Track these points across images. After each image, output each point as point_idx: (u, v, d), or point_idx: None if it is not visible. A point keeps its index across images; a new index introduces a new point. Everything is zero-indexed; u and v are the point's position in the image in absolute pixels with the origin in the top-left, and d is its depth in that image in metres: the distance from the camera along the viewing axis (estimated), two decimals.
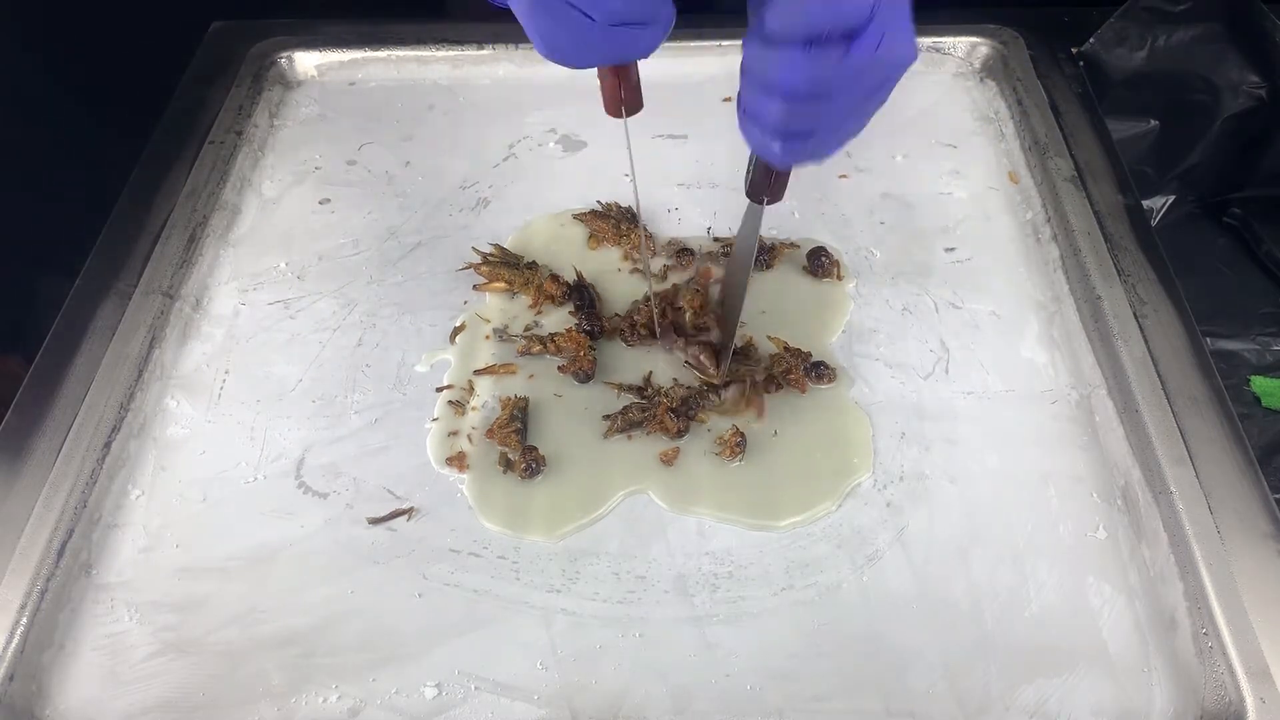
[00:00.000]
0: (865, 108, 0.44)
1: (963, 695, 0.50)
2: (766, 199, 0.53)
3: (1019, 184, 0.76)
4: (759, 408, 0.61)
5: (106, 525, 0.57)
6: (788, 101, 0.41)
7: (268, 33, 0.86)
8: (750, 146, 0.46)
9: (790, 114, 0.42)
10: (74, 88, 0.90)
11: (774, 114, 0.42)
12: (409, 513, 0.57)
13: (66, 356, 0.62)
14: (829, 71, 0.40)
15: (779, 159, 0.45)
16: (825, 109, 0.42)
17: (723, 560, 0.55)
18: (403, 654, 0.51)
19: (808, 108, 0.42)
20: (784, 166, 0.49)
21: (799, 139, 0.44)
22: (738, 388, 0.61)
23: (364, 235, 0.73)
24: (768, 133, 0.44)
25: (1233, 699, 0.48)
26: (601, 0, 0.41)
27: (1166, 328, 0.62)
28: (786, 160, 0.45)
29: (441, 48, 0.86)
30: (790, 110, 0.42)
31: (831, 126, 0.44)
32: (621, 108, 0.50)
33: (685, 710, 0.50)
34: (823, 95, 0.41)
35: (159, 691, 0.50)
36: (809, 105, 0.41)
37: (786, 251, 0.71)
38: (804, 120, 0.43)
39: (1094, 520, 0.56)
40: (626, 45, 0.43)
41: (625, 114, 0.50)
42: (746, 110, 0.44)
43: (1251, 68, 0.80)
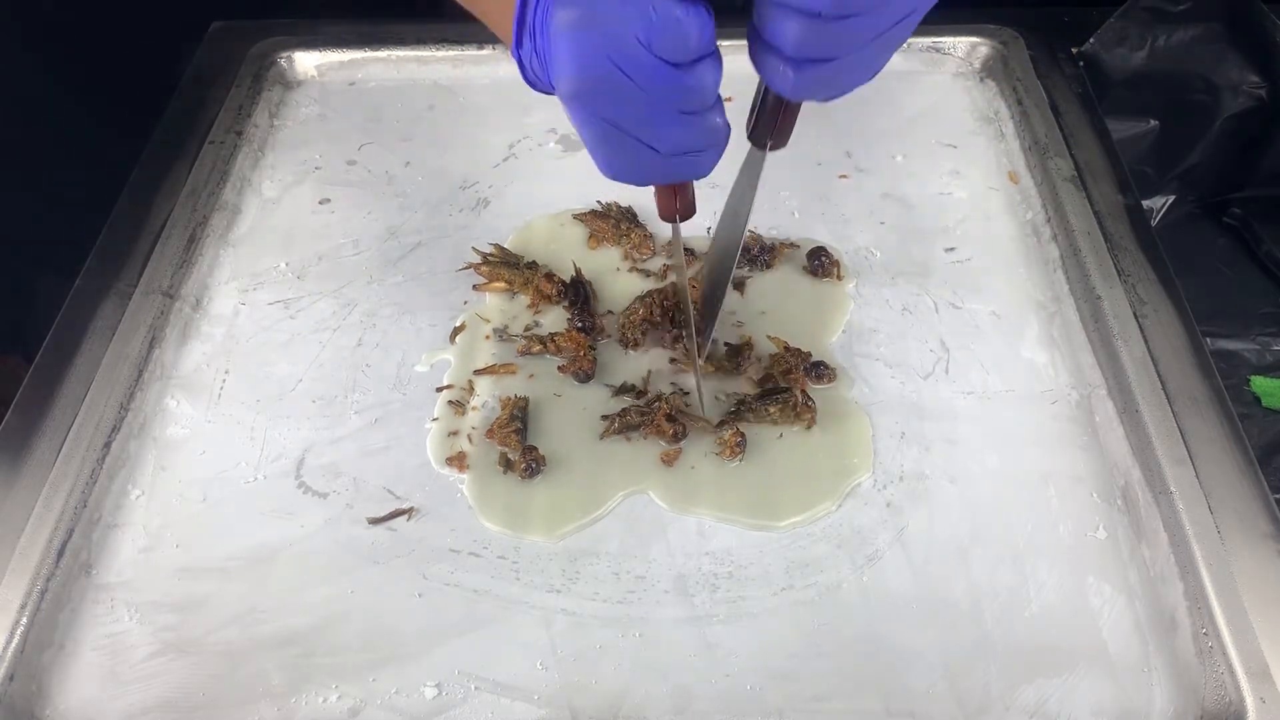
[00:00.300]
0: (890, 38, 0.41)
1: (963, 695, 0.50)
2: (770, 143, 0.49)
3: (1019, 184, 0.76)
4: (810, 419, 0.60)
5: (106, 525, 0.57)
6: (809, 19, 0.38)
7: (268, 33, 0.86)
8: (760, 74, 0.43)
9: (811, 34, 0.39)
10: (74, 88, 0.89)
11: (792, 33, 0.39)
12: (409, 513, 0.57)
13: (66, 356, 0.62)
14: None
15: (792, 87, 0.42)
16: (849, 30, 0.39)
17: (723, 560, 0.55)
18: (403, 654, 0.51)
19: (830, 28, 0.39)
20: (796, 97, 0.44)
21: (816, 65, 0.40)
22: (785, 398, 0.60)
23: (364, 235, 0.73)
24: (782, 56, 0.41)
25: (1233, 699, 0.48)
26: (666, 136, 0.42)
27: (1166, 328, 0.62)
28: (800, 90, 0.42)
29: (441, 48, 0.86)
30: (811, 29, 0.39)
31: (853, 52, 0.40)
32: (676, 216, 0.51)
33: (685, 710, 0.50)
34: (848, 13, 0.38)
35: (159, 691, 0.50)
36: (831, 25, 0.38)
37: (786, 251, 0.71)
38: (825, 42, 0.39)
39: (1094, 520, 0.56)
40: (688, 170, 0.45)
41: (679, 220, 0.52)
42: (760, 31, 0.41)
43: (1251, 68, 0.80)
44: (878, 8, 0.39)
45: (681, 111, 0.41)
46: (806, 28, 0.39)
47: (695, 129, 0.42)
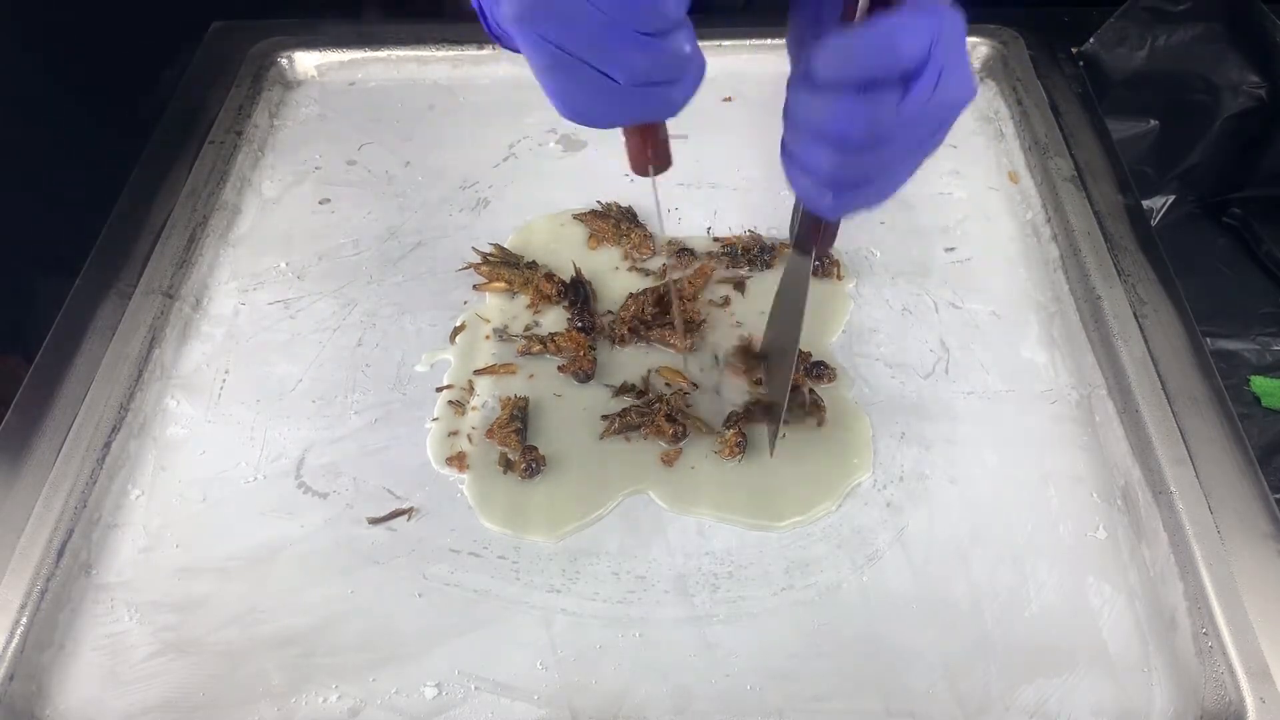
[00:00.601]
0: (922, 151, 0.41)
1: (963, 695, 0.50)
2: (815, 251, 0.50)
3: (1019, 184, 0.76)
4: (820, 417, 0.60)
5: (106, 525, 0.57)
6: (841, 151, 0.39)
7: (268, 33, 0.86)
8: (798, 196, 0.44)
9: (844, 163, 0.39)
10: (74, 88, 0.89)
11: (826, 164, 0.39)
12: (409, 513, 0.57)
13: (66, 356, 0.62)
14: (886, 118, 0.37)
15: (831, 210, 0.42)
16: (881, 156, 0.39)
17: (723, 560, 0.55)
18: (403, 654, 0.51)
19: (862, 156, 0.39)
20: (835, 217, 0.45)
21: (852, 188, 0.41)
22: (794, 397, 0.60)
23: (364, 235, 0.73)
24: (819, 183, 0.41)
25: (1233, 699, 0.48)
26: (625, 60, 0.37)
27: (1166, 328, 0.62)
28: (839, 211, 0.42)
29: (441, 48, 0.86)
30: (844, 159, 0.39)
31: (887, 173, 0.41)
32: (649, 166, 0.46)
33: (685, 710, 0.50)
34: (879, 143, 0.38)
35: (159, 691, 0.50)
36: (864, 154, 0.39)
37: (786, 251, 0.71)
38: (858, 169, 0.40)
39: (1094, 520, 0.56)
40: (654, 105, 0.40)
41: (654, 172, 0.47)
42: (794, 159, 0.41)
43: (1251, 68, 0.80)
44: (908, 130, 0.38)
45: (640, 33, 0.37)
46: (840, 157, 0.39)
47: (658, 54, 0.37)
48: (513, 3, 0.36)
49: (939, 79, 0.37)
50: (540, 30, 0.37)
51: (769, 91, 0.84)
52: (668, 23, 0.37)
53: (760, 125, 0.81)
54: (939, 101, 0.37)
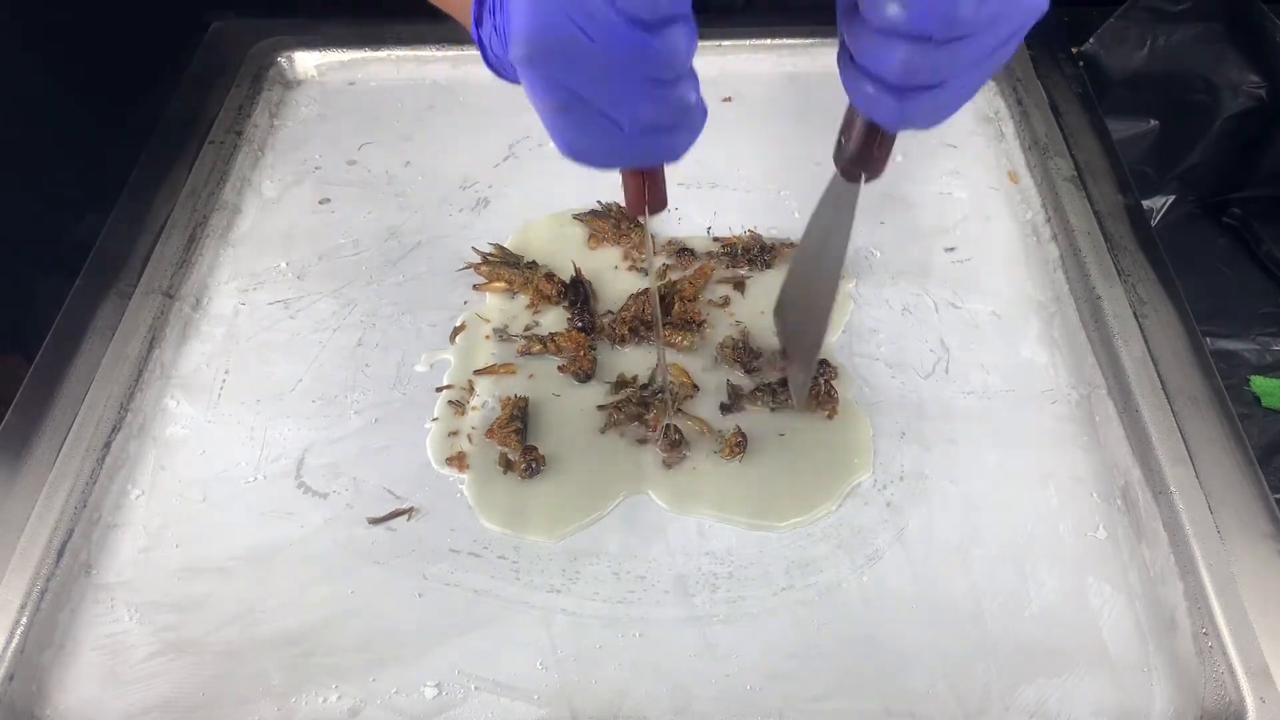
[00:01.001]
0: (993, 60, 0.38)
1: (963, 695, 0.50)
2: (865, 175, 0.46)
3: (1019, 184, 0.76)
4: (832, 409, 0.61)
5: (106, 525, 0.57)
6: (917, 44, 0.36)
7: (268, 33, 0.86)
8: (858, 105, 0.41)
9: (918, 60, 0.37)
10: (74, 88, 0.89)
11: (897, 61, 0.37)
12: (409, 513, 0.57)
13: (66, 356, 0.62)
14: (965, 10, 0.35)
15: (895, 117, 0.39)
16: (957, 54, 0.37)
17: (723, 560, 0.55)
18: (403, 654, 0.51)
19: (938, 53, 0.36)
20: (899, 127, 0.41)
21: (920, 94, 0.38)
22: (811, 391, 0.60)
23: (364, 235, 0.73)
24: (885, 85, 0.38)
25: (1233, 699, 0.48)
26: (632, 107, 0.37)
27: (1166, 328, 0.62)
28: (904, 120, 0.39)
29: (441, 48, 0.86)
30: (919, 55, 0.36)
31: (956, 79, 0.38)
32: (645, 207, 0.45)
33: (685, 710, 0.50)
34: (958, 37, 0.36)
35: (159, 691, 0.50)
36: (939, 50, 0.36)
37: (786, 251, 0.71)
38: (930, 69, 0.37)
39: (1094, 520, 0.56)
40: (656, 151, 0.40)
41: (649, 214, 0.46)
42: (856, 59, 0.39)
43: (1251, 68, 0.80)
44: (986, 28, 0.36)
45: (649, 81, 0.37)
46: (914, 54, 0.37)
47: (665, 103, 0.38)
48: (520, 44, 0.36)
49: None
50: (551, 74, 0.37)
51: (769, 91, 0.84)
52: (676, 72, 0.37)
53: (760, 125, 0.81)
54: (1016, 3, 0.36)
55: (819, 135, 0.81)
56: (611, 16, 0.35)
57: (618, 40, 0.35)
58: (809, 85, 0.85)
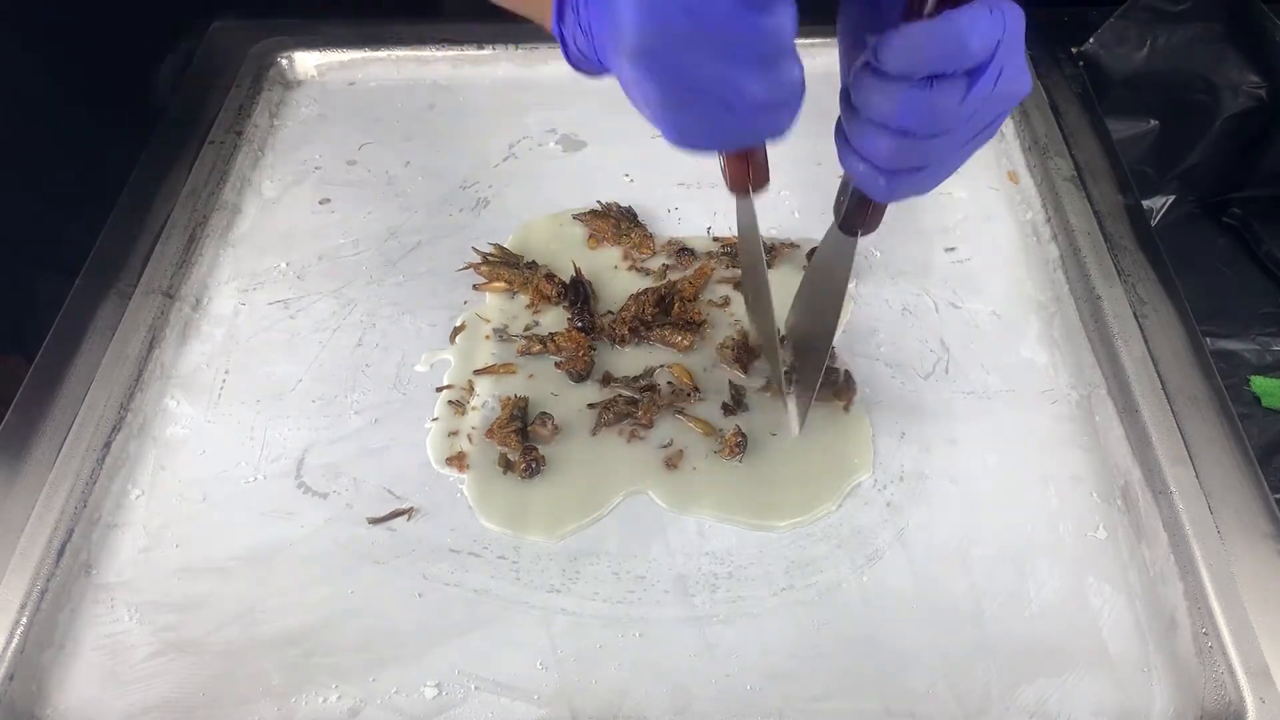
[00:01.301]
0: (976, 142, 0.43)
1: (963, 695, 0.50)
2: (861, 231, 0.51)
3: (1019, 184, 0.76)
4: (848, 399, 0.61)
5: (106, 525, 0.57)
6: (902, 139, 0.40)
7: (268, 33, 0.86)
8: (852, 180, 0.45)
9: (902, 150, 0.41)
10: (74, 88, 0.89)
11: (884, 150, 0.41)
12: (409, 513, 0.57)
13: (66, 356, 0.62)
14: (948, 110, 0.39)
15: (884, 194, 0.44)
16: (939, 146, 0.41)
17: (723, 560, 0.55)
18: (403, 654, 0.51)
19: (921, 145, 0.40)
20: (887, 200, 0.46)
21: (907, 174, 0.42)
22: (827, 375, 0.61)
23: (364, 235, 0.73)
24: (875, 168, 0.43)
25: (1233, 699, 0.48)
26: (745, 87, 0.39)
27: (1166, 328, 0.62)
28: (891, 195, 0.44)
29: (441, 48, 0.86)
30: (903, 147, 0.41)
31: (942, 162, 0.42)
32: (749, 185, 0.48)
33: (685, 710, 0.50)
34: (939, 133, 0.40)
35: (159, 691, 0.50)
36: (923, 143, 0.40)
37: (786, 251, 0.71)
38: (915, 156, 0.41)
39: (1094, 520, 0.56)
40: (765, 129, 0.42)
41: (753, 191, 0.49)
42: (852, 143, 0.43)
43: (1251, 68, 0.80)
44: (965, 123, 0.40)
45: (757, 58, 0.38)
46: (899, 145, 0.40)
47: (774, 80, 0.39)
48: (633, 37, 0.37)
49: (1000, 75, 0.38)
50: (667, 64, 0.38)
51: None
52: (783, 49, 0.39)
53: None
54: (998, 95, 0.39)
55: (819, 135, 0.81)
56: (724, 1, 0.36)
57: (727, 20, 0.36)
58: (809, 85, 0.84)
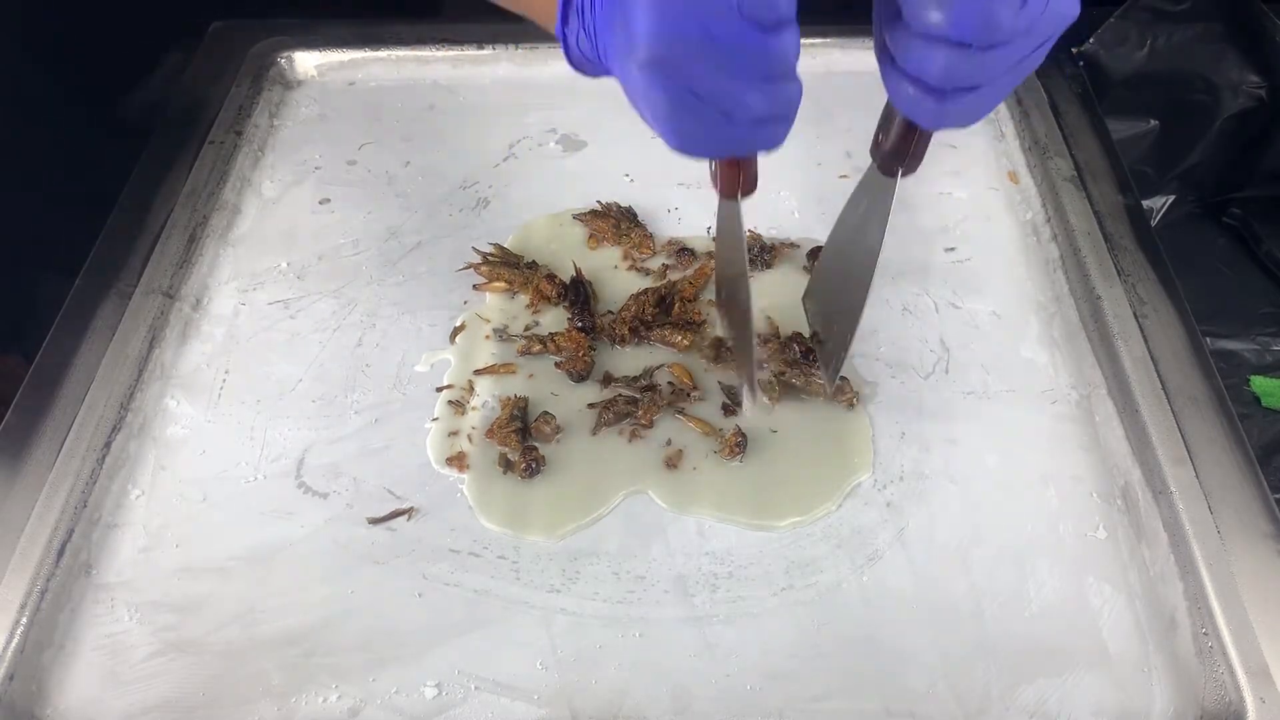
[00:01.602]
0: (1028, 64, 0.41)
1: (963, 695, 0.50)
2: (902, 170, 0.48)
3: (1019, 184, 0.76)
4: (851, 397, 0.61)
5: (106, 525, 0.57)
6: (957, 50, 0.38)
7: (268, 33, 0.86)
8: (897, 104, 0.43)
9: (957, 64, 0.39)
10: (74, 88, 0.89)
11: (938, 65, 0.39)
12: (409, 513, 0.57)
13: (66, 356, 0.62)
14: (1005, 20, 0.37)
15: (932, 117, 0.42)
16: (994, 59, 0.39)
17: (723, 560, 0.55)
18: (403, 654, 0.51)
19: (976, 59, 0.39)
20: (937, 127, 0.44)
21: (959, 95, 0.41)
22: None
23: (364, 235, 0.73)
24: (924, 88, 0.41)
25: (1233, 699, 0.48)
26: (745, 103, 0.40)
27: (1166, 328, 0.62)
28: (940, 120, 0.42)
29: (441, 48, 0.86)
30: (957, 60, 0.39)
31: (992, 83, 0.41)
32: (739, 191, 0.49)
33: (685, 710, 0.50)
34: (996, 44, 0.38)
35: (159, 691, 0.50)
36: (978, 55, 0.39)
37: (786, 251, 0.71)
38: (969, 73, 0.40)
39: (1094, 520, 0.56)
40: (762, 140, 0.43)
41: (742, 197, 0.50)
42: (899, 62, 0.41)
43: (1251, 68, 0.80)
44: (1023, 35, 0.39)
45: (763, 77, 0.40)
46: (954, 59, 0.39)
47: (774, 96, 0.41)
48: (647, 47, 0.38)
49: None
50: (676, 75, 0.39)
51: None
52: (787, 69, 0.40)
53: None
54: (1050, 13, 0.39)
55: (819, 135, 0.81)
56: (736, 19, 0.37)
57: (740, 41, 0.38)
58: (810, 85, 0.84)
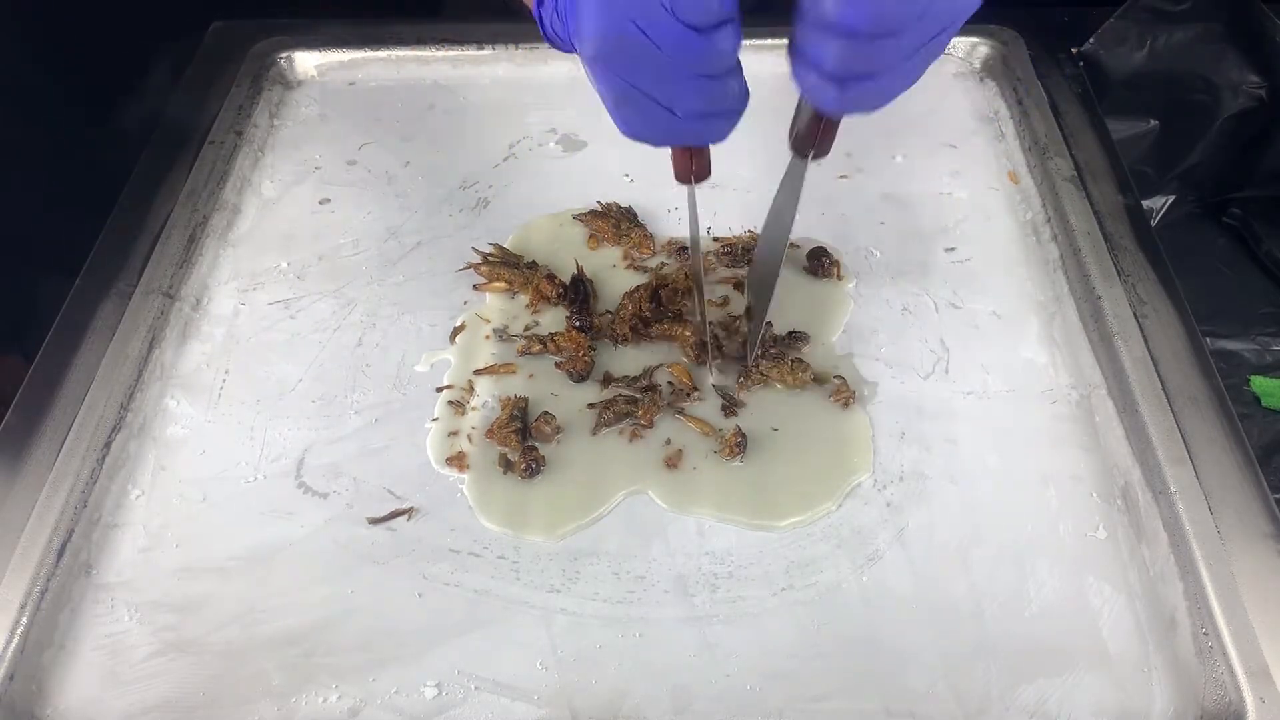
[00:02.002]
0: (927, 53, 0.42)
1: (963, 695, 0.50)
2: (813, 153, 0.51)
3: (1019, 184, 0.76)
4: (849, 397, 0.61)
5: (106, 525, 0.57)
6: (849, 40, 0.40)
7: (268, 33, 0.86)
8: (802, 92, 0.45)
9: (850, 54, 0.40)
10: (74, 88, 0.89)
11: (832, 54, 0.40)
12: (409, 513, 0.57)
13: (66, 356, 0.62)
14: (891, 8, 0.39)
15: (834, 104, 0.43)
16: (887, 49, 0.40)
17: (723, 560, 0.55)
18: (403, 654, 0.51)
19: (869, 48, 0.40)
20: (840, 113, 0.46)
21: (857, 82, 0.42)
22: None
23: (364, 235, 0.73)
24: (824, 76, 0.42)
25: (1233, 699, 0.48)
26: (684, 99, 0.43)
27: (1166, 328, 0.62)
28: (842, 106, 0.43)
29: (441, 48, 0.86)
30: (851, 50, 0.40)
31: (891, 72, 0.42)
32: (691, 177, 0.52)
33: (685, 710, 0.50)
34: (886, 33, 0.40)
35: (159, 691, 0.50)
36: (870, 45, 0.40)
37: (787, 252, 0.71)
38: (864, 61, 0.41)
39: (1094, 520, 0.56)
40: (706, 133, 0.46)
41: (694, 182, 0.53)
42: (800, 50, 0.42)
43: (1251, 68, 0.80)
44: (915, 25, 0.40)
45: (700, 76, 0.42)
46: (847, 47, 0.40)
47: (713, 94, 0.43)
48: (591, 45, 0.41)
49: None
50: (615, 71, 0.42)
51: (769, 91, 0.84)
52: (724, 68, 0.42)
53: (760, 125, 0.80)
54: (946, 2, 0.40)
55: None
56: (670, 21, 0.39)
57: (674, 42, 0.40)
58: None
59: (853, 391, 0.61)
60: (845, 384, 0.62)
